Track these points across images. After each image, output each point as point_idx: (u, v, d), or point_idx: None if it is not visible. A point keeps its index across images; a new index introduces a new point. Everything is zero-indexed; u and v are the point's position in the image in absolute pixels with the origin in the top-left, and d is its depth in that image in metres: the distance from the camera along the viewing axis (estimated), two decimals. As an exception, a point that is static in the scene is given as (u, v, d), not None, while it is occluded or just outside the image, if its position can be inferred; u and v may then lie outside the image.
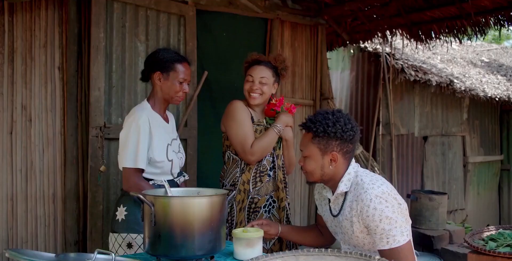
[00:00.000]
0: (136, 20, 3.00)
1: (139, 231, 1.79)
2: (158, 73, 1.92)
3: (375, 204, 1.51)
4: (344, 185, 1.62)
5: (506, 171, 6.88)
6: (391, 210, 1.50)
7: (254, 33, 3.81)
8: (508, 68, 7.52)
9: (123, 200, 1.89)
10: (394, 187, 1.62)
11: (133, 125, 1.81)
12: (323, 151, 1.60)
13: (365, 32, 4.37)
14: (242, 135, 2.09)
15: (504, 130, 6.93)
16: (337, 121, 1.59)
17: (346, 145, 1.61)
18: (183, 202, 1.33)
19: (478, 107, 6.38)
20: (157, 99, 1.96)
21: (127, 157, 1.80)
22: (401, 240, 1.50)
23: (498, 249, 1.89)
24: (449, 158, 5.81)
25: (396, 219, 1.50)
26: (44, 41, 2.83)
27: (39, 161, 2.79)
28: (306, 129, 1.65)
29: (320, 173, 1.63)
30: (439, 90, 5.26)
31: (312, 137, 1.62)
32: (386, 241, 1.51)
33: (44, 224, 2.81)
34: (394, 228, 1.50)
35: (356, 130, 1.63)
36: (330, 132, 1.58)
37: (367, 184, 1.55)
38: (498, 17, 3.31)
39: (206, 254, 1.35)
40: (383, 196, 1.51)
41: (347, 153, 1.63)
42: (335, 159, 1.60)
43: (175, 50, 2.00)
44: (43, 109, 2.82)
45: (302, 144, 1.68)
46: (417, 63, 5.18)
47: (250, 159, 2.10)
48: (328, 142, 1.60)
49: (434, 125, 5.62)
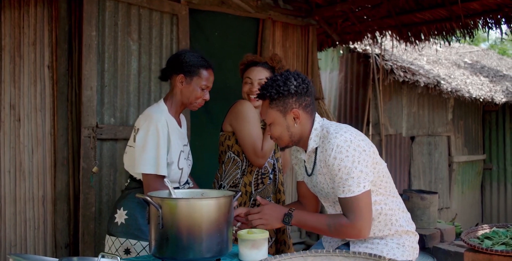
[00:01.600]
0: (129, 18, 2.95)
1: (140, 238, 1.75)
2: (181, 76, 1.85)
3: (335, 153, 1.52)
4: (314, 141, 1.63)
5: (488, 170, 7.06)
6: (350, 160, 1.51)
7: (246, 33, 3.80)
8: (490, 69, 7.71)
9: (123, 203, 1.84)
10: (361, 132, 1.63)
11: (152, 129, 1.73)
12: (283, 111, 1.61)
13: (355, 33, 4.40)
14: (255, 137, 2.06)
15: (486, 130, 7.10)
16: (287, 79, 1.61)
17: (303, 99, 1.62)
18: (191, 204, 1.31)
19: (462, 108, 6.52)
20: (174, 102, 1.89)
21: (146, 162, 1.71)
22: (356, 191, 1.51)
23: (494, 247, 1.93)
24: (435, 157, 5.92)
25: (354, 170, 1.50)
26: (33, 39, 2.75)
27: (28, 162, 2.72)
28: (261, 98, 1.65)
29: (288, 134, 1.63)
30: (425, 91, 5.35)
31: (269, 103, 1.63)
32: (342, 190, 1.53)
33: (34, 227, 2.74)
34: (350, 178, 1.51)
35: (308, 82, 1.64)
36: (284, 91, 1.59)
37: (330, 134, 1.56)
38: (486, 20, 3.38)
39: (214, 256, 1.33)
40: (344, 144, 1.52)
41: (307, 107, 1.64)
42: (297, 115, 1.61)
43: (201, 54, 1.92)
44: (32, 109, 2.74)
45: (262, 113, 1.68)
46: (406, 64, 5.25)
47: (261, 162, 2.08)
48: (285, 101, 1.60)
49: (420, 126, 5.71)
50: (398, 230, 1.65)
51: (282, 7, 3.95)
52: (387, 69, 4.82)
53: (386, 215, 1.63)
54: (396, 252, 1.62)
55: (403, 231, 1.65)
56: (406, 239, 1.66)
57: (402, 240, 1.65)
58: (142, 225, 1.77)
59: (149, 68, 3.05)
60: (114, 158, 2.86)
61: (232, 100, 3.42)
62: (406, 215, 1.71)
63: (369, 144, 1.60)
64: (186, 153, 1.94)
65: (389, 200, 1.65)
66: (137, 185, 1.86)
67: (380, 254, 1.57)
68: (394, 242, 1.64)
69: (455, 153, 6.26)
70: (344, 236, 1.60)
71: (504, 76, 7.48)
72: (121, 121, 2.90)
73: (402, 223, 1.66)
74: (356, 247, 1.66)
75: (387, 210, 1.63)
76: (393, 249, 1.62)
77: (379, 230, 1.64)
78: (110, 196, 2.84)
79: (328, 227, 1.57)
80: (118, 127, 2.84)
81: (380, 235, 1.64)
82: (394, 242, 1.64)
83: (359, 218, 1.52)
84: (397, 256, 1.61)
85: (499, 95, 6.34)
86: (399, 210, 1.67)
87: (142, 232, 1.76)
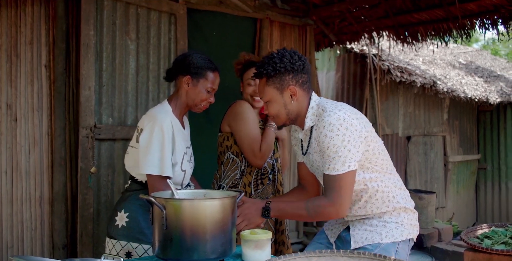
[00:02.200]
0: (127, 18, 2.93)
1: (142, 241, 1.73)
2: (188, 77, 1.83)
3: (326, 131, 1.52)
4: (310, 120, 1.63)
5: (482, 170, 7.12)
6: (340, 139, 1.50)
7: (244, 32, 3.80)
8: (484, 70, 7.77)
9: (124, 205, 1.81)
10: (357, 110, 1.63)
11: (156, 129, 1.71)
12: (280, 89, 1.61)
13: (352, 33, 4.41)
14: (254, 137, 2.06)
15: (481, 130, 7.16)
16: (283, 56, 1.60)
17: (300, 76, 1.62)
18: (196, 205, 1.30)
19: (457, 108, 6.57)
20: (179, 103, 1.87)
21: (150, 163, 1.69)
22: (340, 169, 1.51)
23: (493, 246, 1.94)
24: (431, 157, 5.96)
25: (343, 149, 1.50)
26: (30, 38, 2.72)
27: (25, 162, 2.69)
28: (258, 76, 1.65)
29: (285, 112, 1.63)
30: (421, 91, 5.38)
31: (266, 80, 1.63)
32: (327, 167, 1.53)
33: (31, 228, 2.71)
34: (338, 156, 1.51)
35: (304, 60, 1.64)
36: (280, 68, 1.59)
37: (325, 112, 1.56)
38: (483, 21, 3.40)
39: (218, 257, 1.32)
40: (337, 123, 1.51)
41: (303, 84, 1.63)
42: (294, 92, 1.61)
43: (207, 56, 1.91)
44: (29, 109, 2.71)
45: (259, 91, 1.68)
46: (402, 64, 5.27)
47: (259, 163, 2.07)
48: (282, 78, 1.60)
49: (416, 126, 5.74)
50: (396, 207, 1.63)
51: (280, 7, 3.95)
52: (384, 70, 4.84)
53: (383, 192, 1.63)
54: (395, 233, 1.61)
55: (401, 208, 1.64)
56: (405, 217, 1.65)
57: (401, 218, 1.64)
58: (144, 228, 1.75)
59: (147, 68, 3.03)
60: (112, 158, 2.84)
61: (230, 100, 3.41)
62: (404, 192, 1.69)
63: (363, 122, 1.59)
64: (188, 155, 1.92)
65: (386, 177, 1.64)
66: (138, 187, 1.84)
67: (379, 236, 1.60)
68: (393, 221, 1.63)
69: (450, 153, 6.30)
70: (323, 217, 1.59)
71: (498, 77, 7.55)
72: (119, 121, 2.88)
73: (399, 199, 1.64)
74: (356, 230, 1.65)
75: (383, 187, 1.63)
76: (392, 230, 1.62)
77: (377, 208, 1.63)
78: (108, 197, 2.82)
79: (307, 211, 1.56)
80: (116, 127, 2.82)
81: (378, 213, 1.64)
82: (392, 221, 1.63)
83: (338, 196, 1.52)
84: (396, 237, 1.61)
85: (494, 95, 6.39)
86: (395, 187, 1.66)
87: (144, 235, 1.74)
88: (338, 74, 5.50)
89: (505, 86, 6.98)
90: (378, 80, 4.77)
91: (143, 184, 1.83)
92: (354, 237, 1.64)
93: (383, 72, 4.84)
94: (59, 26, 2.76)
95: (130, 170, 1.87)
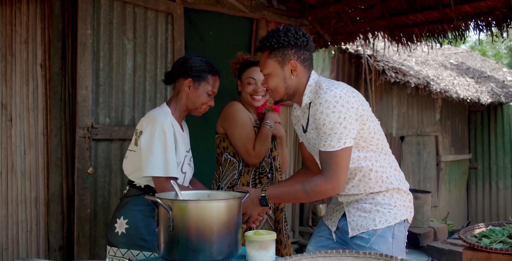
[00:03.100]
0: (124, 17, 2.91)
1: (143, 248, 1.71)
2: (189, 80, 1.82)
3: (322, 108, 1.53)
4: (308, 97, 1.64)
5: (473, 169, 7.21)
6: (336, 116, 1.51)
7: (240, 32, 3.79)
8: (475, 70, 7.87)
9: (123, 211, 1.78)
10: (354, 89, 1.64)
11: (158, 130, 1.69)
12: (282, 62, 1.62)
13: (348, 33, 4.43)
14: (246, 137, 2.08)
15: (472, 130, 7.25)
16: (287, 31, 1.62)
17: (302, 52, 1.64)
18: (202, 206, 1.30)
19: (449, 108, 6.64)
20: (179, 106, 1.86)
21: (154, 165, 1.67)
22: (336, 146, 1.52)
23: (492, 245, 1.96)
24: (423, 157, 6.01)
25: (338, 126, 1.51)
26: (25, 37, 2.68)
27: (20, 163, 2.65)
28: (261, 48, 1.66)
29: (284, 86, 1.65)
30: (415, 92, 5.42)
31: (269, 53, 1.64)
32: (323, 143, 1.54)
33: (26, 229, 2.67)
34: (333, 133, 1.52)
35: (308, 37, 1.65)
36: (284, 41, 1.60)
37: (322, 89, 1.57)
38: (478, 22, 3.44)
39: (225, 258, 1.32)
40: (333, 100, 1.52)
41: (305, 61, 1.65)
42: (295, 67, 1.62)
43: (208, 59, 1.91)
44: (24, 109, 2.67)
45: (261, 64, 1.69)
46: (397, 65, 5.32)
47: (254, 161, 2.08)
48: (284, 52, 1.61)
49: (410, 126, 5.79)
50: (389, 188, 1.64)
51: (276, 7, 3.95)
52: (378, 70, 4.88)
53: (377, 172, 1.63)
54: (388, 217, 1.62)
55: (394, 188, 1.65)
56: (398, 198, 1.65)
57: (394, 200, 1.64)
58: (145, 234, 1.72)
59: (144, 68, 3.01)
60: (109, 159, 2.81)
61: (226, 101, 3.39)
62: (398, 173, 1.70)
63: (360, 101, 1.59)
64: (188, 159, 1.91)
65: (381, 157, 1.65)
66: (137, 192, 1.81)
67: (373, 222, 1.61)
68: (386, 203, 1.63)
69: (442, 153, 6.37)
70: (321, 195, 1.60)
71: (489, 77, 7.65)
72: (116, 122, 2.86)
73: (392, 180, 1.65)
74: (351, 217, 1.67)
75: (378, 166, 1.63)
76: (385, 214, 1.62)
77: (370, 187, 1.64)
78: (105, 198, 2.79)
79: (305, 192, 1.57)
80: (114, 128, 2.79)
81: (371, 193, 1.64)
82: (385, 203, 1.63)
83: (334, 172, 1.53)
84: (389, 221, 1.62)
85: (485, 96, 6.48)
86: (391, 168, 1.66)
87: (145, 241, 1.71)
88: (332, 74, 5.52)
89: (496, 87, 7.08)
90: (373, 81, 4.80)
91: (142, 189, 1.80)
92: (351, 224, 1.66)
93: (378, 72, 4.87)
94: (55, 25, 2.72)
95: (130, 175, 1.84)
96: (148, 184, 1.79)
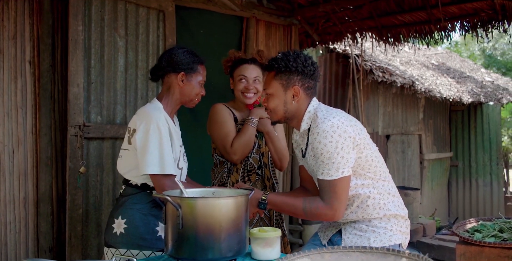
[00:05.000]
0: (115, 13, 2.86)
1: (142, 247, 1.68)
2: (182, 74, 1.80)
3: (320, 138, 1.56)
4: (306, 123, 1.68)
5: (454, 167, 7.40)
6: (334, 146, 1.54)
7: (230, 31, 3.79)
8: (455, 71, 8.07)
9: (121, 211, 1.74)
10: (352, 117, 1.67)
11: (152, 127, 1.66)
12: (286, 86, 1.66)
13: (336, 33, 4.48)
14: (223, 135, 2.11)
15: (453, 129, 7.44)
16: (297, 57, 1.66)
17: (307, 81, 1.67)
18: (211, 203, 1.29)
19: (432, 107, 6.79)
20: (171, 101, 1.83)
21: (150, 162, 1.64)
22: (334, 175, 1.55)
23: (484, 239, 2.02)
24: (408, 155, 6.13)
25: (336, 155, 1.54)
26: (13, 33, 2.61)
27: (9, 162, 2.58)
28: (269, 68, 1.70)
29: (283, 109, 1.68)
30: (400, 91, 5.52)
31: (275, 74, 1.67)
32: (321, 172, 1.58)
33: (15, 230, 2.60)
34: (331, 163, 1.55)
35: (316, 67, 1.69)
36: (292, 66, 1.64)
37: (319, 118, 1.60)
38: (463, 23, 3.54)
39: (234, 255, 1.32)
40: (330, 130, 1.55)
41: (308, 89, 1.68)
42: (297, 93, 1.66)
43: (190, 49, 1.88)
44: (13, 107, 2.60)
45: (265, 83, 1.73)
46: (383, 65, 5.40)
47: (233, 158, 2.10)
48: (290, 77, 1.65)
49: (395, 125, 5.90)
50: (386, 214, 1.67)
51: (266, 6, 3.96)
52: (366, 70, 4.94)
53: (374, 199, 1.66)
54: (383, 238, 1.64)
55: (391, 215, 1.67)
56: (395, 223, 1.68)
57: (390, 224, 1.67)
58: (144, 233, 1.69)
59: (136, 65, 2.97)
60: (101, 158, 2.77)
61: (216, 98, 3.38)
62: (396, 199, 1.72)
63: (357, 129, 1.62)
64: (182, 154, 1.89)
65: (379, 184, 1.68)
66: (134, 191, 1.77)
67: (367, 241, 1.63)
68: (382, 227, 1.66)
69: (425, 151, 6.51)
70: (319, 218, 1.63)
71: (468, 78, 7.86)
72: (108, 120, 2.81)
73: (390, 207, 1.67)
74: (347, 234, 1.69)
75: (375, 193, 1.66)
76: (380, 235, 1.65)
77: (368, 214, 1.66)
78: (97, 197, 2.74)
79: (304, 210, 1.60)
80: (106, 126, 2.75)
81: (368, 218, 1.67)
82: (381, 227, 1.66)
83: (334, 200, 1.56)
84: (384, 242, 1.64)
85: (466, 95, 6.65)
86: (389, 195, 1.69)
87: (144, 240, 1.69)
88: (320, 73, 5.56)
89: (475, 87, 7.27)
90: (361, 80, 4.86)
91: (139, 187, 1.77)
92: (344, 241, 1.68)
93: (366, 72, 4.94)
94: (45, 20, 2.66)
95: (125, 174, 1.80)
96: (145, 182, 1.77)
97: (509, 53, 17.72)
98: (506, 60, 17.35)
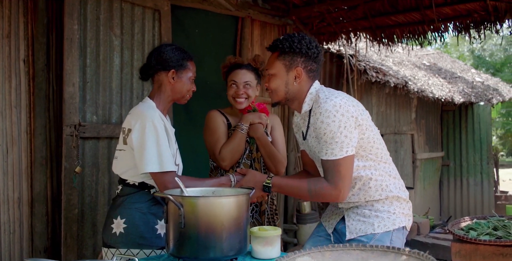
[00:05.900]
0: (111, 12, 2.85)
1: (143, 246, 1.67)
2: (172, 71, 1.79)
3: (322, 118, 1.56)
4: (307, 105, 1.68)
5: (446, 167, 7.48)
6: (336, 125, 1.54)
7: (225, 31, 3.79)
8: (446, 71, 8.16)
9: (120, 211, 1.73)
10: (354, 98, 1.67)
11: (148, 126, 1.65)
12: (288, 67, 1.66)
13: (330, 33, 4.50)
14: (213, 142, 2.13)
15: (444, 128, 7.53)
16: (302, 39, 1.66)
17: (311, 63, 1.68)
18: (213, 202, 1.30)
19: (424, 107, 6.86)
20: (163, 99, 1.83)
21: (148, 161, 1.63)
22: (338, 155, 1.55)
23: (479, 237, 2.05)
24: (401, 155, 6.19)
25: (339, 135, 1.54)
26: (7, 31, 2.58)
27: (3, 162, 2.55)
28: (272, 48, 1.70)
29: (284, 90, 1.68)
30: (392, 91, 5.57)
31: (278, 54, 1.67)
32: (325, 152, 1.58)
33: (9, 231, 2.57)
34: (334, 142, 1.55)
35: (320, 50, 1.69)
36: (296, 48, 1.64)
37: (321, 99, 1.60)
38: (456, 24, 3.58)
39: (236, 254, 1.33)
40: (333, 109, 1.55)
41: (311, 71, 1.68)
42: (300, 74, 1.66)
43: (178, 46, 1.87)
44: (7, 106, 2.57)
45: (268, 63, 1.72)
46: (377, 65, 5.44)
47: (222, 164, 2.11)
48: (294, 58, 1.66)
49: (388, 124, 5.95)
50: (389, 196, 1.67)
51: (261, 6, 3.97)
52: (360, 70, 4.98)
53: (376, 181, 1.66)
54: (387, 222, 1.65)
55: (394, 196, 1.67)
56: (397, 206, 1.68)
57: (393, 207, 1.67)
58: (144, 232, 1.69)
59: (131, 65, 2.96)
60: (97, 157, 2.75)
61: (212, 98, 3.38)
62: (398, 181, 1.72)
63: (359, 110, 1.62)
64: (177, 150, 1.90)
65: (380, 166, 1.67)
66: (131, 190, 1.76)
67: (372, 227, 1.64)
68: (385, 210, 1.66)
69: (418, 150, 6.57)
70: (323, 199, 1.64)
71: (459, 78, 7.95)
72: (103, 119, 2.79)
73: (392, 188, 1.67)
74: (350, 221, 1.69)
75: (377, 175, 1.66)
76: (384, 219, 1.65)
77: (370, 196, 1.67)
78: (93, 197, 2.73)
79: (309, 191, 1.60)
80: (101, 126, 2.73)
81: (371, 201, 1.67)
82: (384, 210, 1.66)
83: (339, 180, 1.56)
84: (388, 226, 1.64)
85: (457, 95, 6.73)
86: (390, 176, 1.69)
87: (144, 239, 1.68)
88: (313, 73, 5.58)
89: (466, 87, 7.36)
90: (355, 80, 4.89)
91: (137, 186, 1.76)
92: (349, 228, 1.68)
93: (360, 72, 4.97)
94: (39, 19, 2.63)
95: (122, 174, 1.79)
96: (143, 181, 1.76)
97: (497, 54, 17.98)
98: (495, 61, 17.59)
